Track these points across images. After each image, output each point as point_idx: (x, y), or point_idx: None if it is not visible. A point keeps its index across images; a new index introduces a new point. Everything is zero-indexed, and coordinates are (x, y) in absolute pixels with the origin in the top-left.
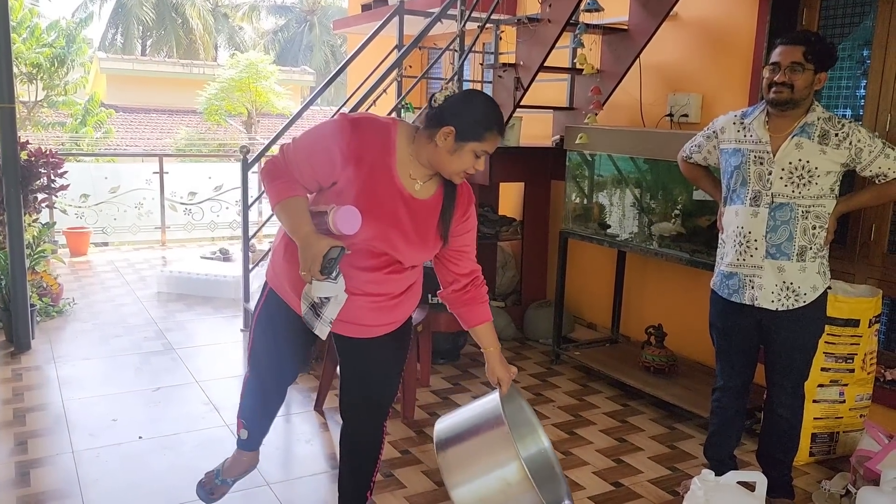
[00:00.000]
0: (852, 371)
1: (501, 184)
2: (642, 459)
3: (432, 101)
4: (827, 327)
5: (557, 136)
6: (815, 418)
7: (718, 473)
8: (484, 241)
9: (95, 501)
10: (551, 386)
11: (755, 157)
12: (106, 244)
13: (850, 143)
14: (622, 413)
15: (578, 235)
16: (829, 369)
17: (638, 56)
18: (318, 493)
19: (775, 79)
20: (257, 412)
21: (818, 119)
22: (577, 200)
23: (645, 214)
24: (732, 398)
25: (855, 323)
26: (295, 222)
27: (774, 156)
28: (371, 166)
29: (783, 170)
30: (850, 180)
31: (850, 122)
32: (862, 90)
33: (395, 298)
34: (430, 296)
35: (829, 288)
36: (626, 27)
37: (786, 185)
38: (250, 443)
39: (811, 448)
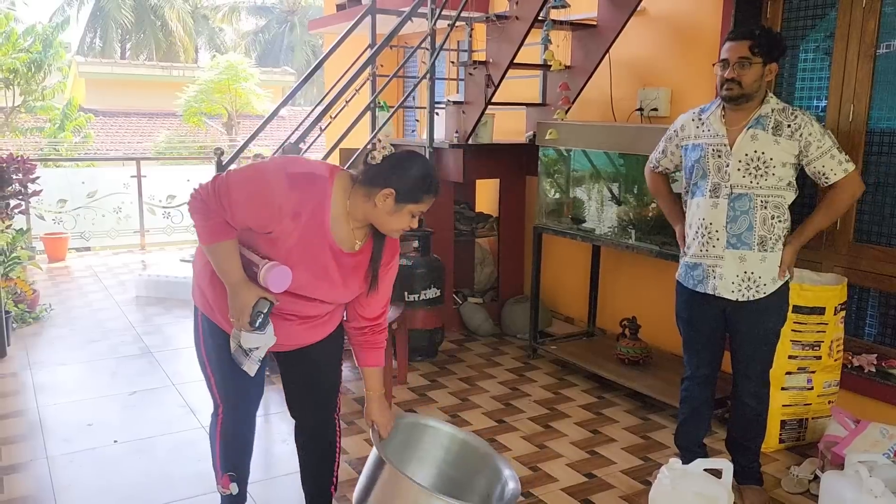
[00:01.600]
0: (819, 358)
1: (478, 181)
2: (615, 450)
3: (369, 159)
4: (793, 315)
5: (531, 132)
6: (783, 405)
7: (688, 461)
8: (461, 238)
9: None
10: (528, 380)
11: (713, 150)
12: (88, 249)
13: (801, 136)
14: (597, 405)
15: (552, 230)
16: (797, 357)
17: (607, 51)
18: (297, 493)
19: (724, 75)
20: (242, 452)
21: (772, 111)
22: (550, 196)
23: (616, 208)
24: (700, 387)
25: (821, 311)
26: (225, 268)
27: (731, 148)
28: (306, 222)
29: (740, 161)
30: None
31: (804, 114)
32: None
33: (325, 316)
34: (405, 293)
35: (790, 278)
36: (594, 23)
37: (744, 177)
38: (241, 496)
39: (780, 435)
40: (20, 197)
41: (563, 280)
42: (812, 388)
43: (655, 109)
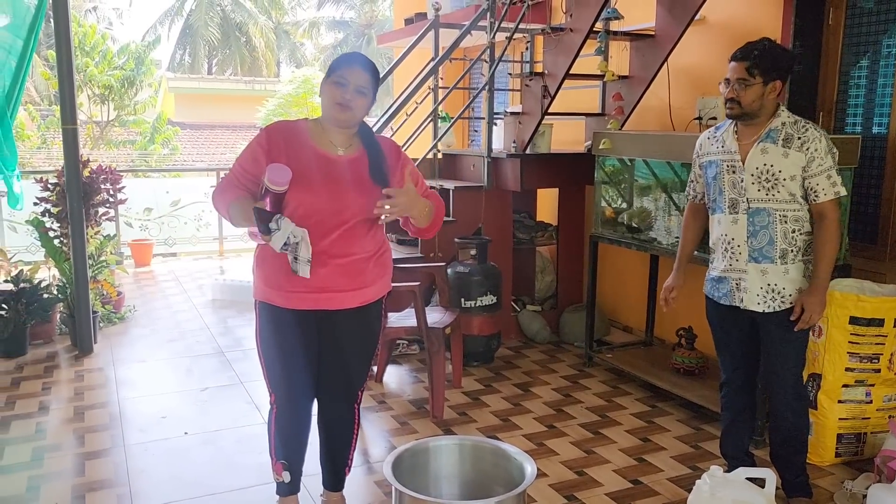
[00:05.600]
0: (878, 371)
1: (538, 190)
2: (664, 458)
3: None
4: (850, 326)
5: (589, 142)
6: (840, 419)
7: (733, 470)
8: (521, 247)
9: (141, 490)
10: (581, 388)
11: (728, 166)
12: (174, 255)
13: (808, 149)
14: (649, 414)
15: (608, 240)
16: (854, 369)
17: (665, 60)
18: (352, 488)
19: (725, 95)
20: (294, 442)
21: (783, 124)
22: (607, 205)
23: (673, 217)
24: (737, 393)
25: (879, 322)
26: (241, 213)
27: (744, 163)
28: (289, 148)
29: (752, 175)
30: None
31: (816, 128)
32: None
33: (363, 261)
34: (462, 299)
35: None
36: (652, 32)
37: (758, 190)
38: (294, 484)
39: (837, 448)
40: (108, 205)
41: (622, 289)
42: (871, 402)
43: (714, 118)
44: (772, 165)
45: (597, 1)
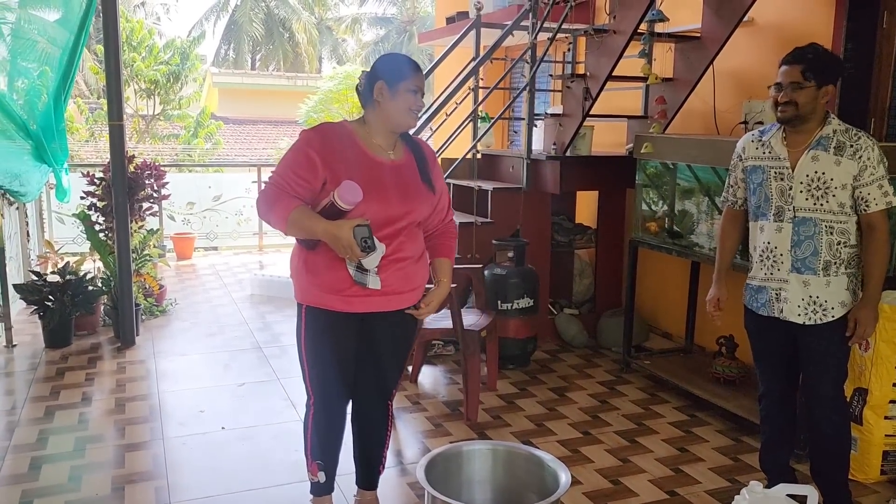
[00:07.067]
0: None
1: (578, 193)
2: (702, 470)
3: (358, 87)
4: None
5: (630, 145)
6: (886, 435)
7: (773, 485)
8: (559, 250)
9: (179, 483)
10: (618, 394)
11: (775, 172)
12: (215, 249)
13: (860, 158)
14: (687, 423)
15: (648, 244)
16: None
17: (711, 63)
18: (387, 488)
19: (778, 98)
20: (331, 444)
21: (834, 131)
22: (648, 209)
23: (715, 221)
24: (777, 406)
25: None
26: (310, 226)
27: (794, 171)
28: (343, 154)
29: (801, 183)
30: None
31: (868, 137)
32: None
33: (415, 263)
34: (498, 302)
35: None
36: (698, 35)
37: (806, 199)
38: (328, 484)
39: (882, 466)
40: (152, 200)
41: (662, 294)
42: None
43: (761, 122)
44: (823, 173)
45: (641, 3)
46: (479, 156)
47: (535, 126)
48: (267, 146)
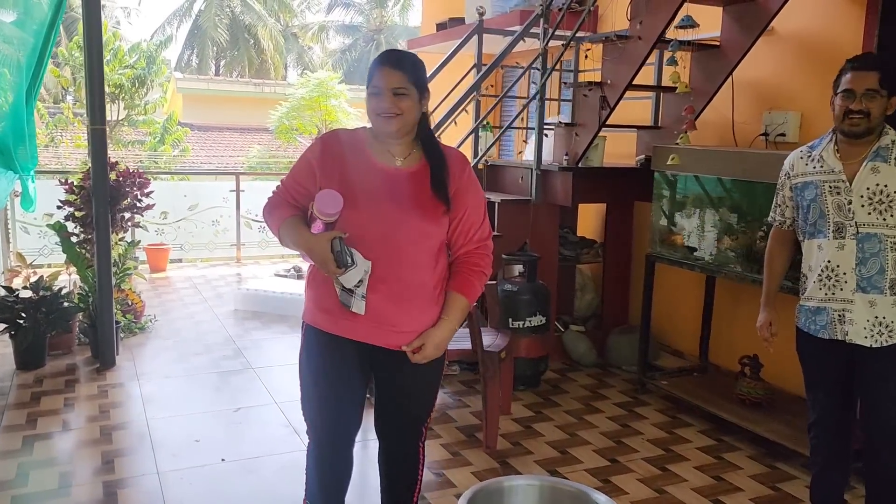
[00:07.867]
0: None
1: (581, 205)
2: (744, 501)
3: None
4: None
5: (642, 156)
6: None
7: None
8: (563, 264)
9: None
10: (638, 417)
11: (830, 187)
12: (191, 260)
13: None
14: (717, 448)
15: (667, 259)
16: None
17: (731, 73)
18: None
19: (851, 107)
20: (328, 487)
21: (892, 142)
22: (666, 223)
23: (738, 238)
24: (830, 435)
25: None
26: (295, 238)
27: (851, 184)
28: (343, 160)
29: (862, 197)
30: None
31: None
32: None
33: (421, 294)
34: (510, 320)
35: None
36: (717, 43)
37: (869, 214)
38: None
39: None
40: (134, 210)
41: (673, 311)
42: None
43: (783, 135)
44: (885, 186)
45: (669, 8)
46: (480, 166)
47: (546, 136)
48: (235, 153)
